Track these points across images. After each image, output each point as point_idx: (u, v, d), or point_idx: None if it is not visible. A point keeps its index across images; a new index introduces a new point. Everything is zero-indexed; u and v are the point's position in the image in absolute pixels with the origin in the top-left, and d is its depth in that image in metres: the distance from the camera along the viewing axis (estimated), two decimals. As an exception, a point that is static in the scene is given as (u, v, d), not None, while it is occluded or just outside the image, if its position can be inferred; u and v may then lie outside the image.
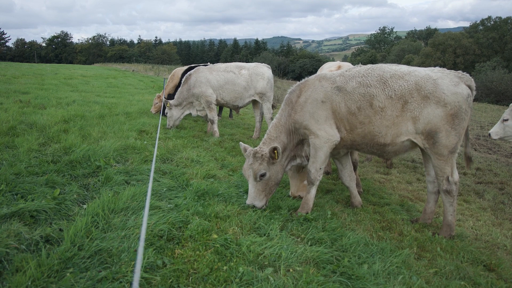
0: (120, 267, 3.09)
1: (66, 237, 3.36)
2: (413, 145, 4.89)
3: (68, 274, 2.90)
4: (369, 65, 5.05)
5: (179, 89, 9.85)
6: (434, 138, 4.62)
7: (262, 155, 4.96)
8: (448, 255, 4.22)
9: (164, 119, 10.19)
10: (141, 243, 1.95)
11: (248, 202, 4.93)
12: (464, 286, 3.56)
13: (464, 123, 4.61)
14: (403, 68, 4.85)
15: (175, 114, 9.85)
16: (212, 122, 9.73)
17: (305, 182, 5.74)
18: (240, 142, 5.32)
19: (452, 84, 4.57)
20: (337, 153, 5.43)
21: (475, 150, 11.85)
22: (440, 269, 3.87)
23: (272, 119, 9.82)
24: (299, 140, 5.33)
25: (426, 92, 4.56)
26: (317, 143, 4.98)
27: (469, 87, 4.67)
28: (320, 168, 5.09)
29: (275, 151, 4.91)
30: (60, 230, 3.62)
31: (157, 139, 4.80)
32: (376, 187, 7.04)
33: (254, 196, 4.93)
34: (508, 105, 8.47)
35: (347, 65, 7.43)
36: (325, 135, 4.93)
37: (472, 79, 4.73)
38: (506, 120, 7.91)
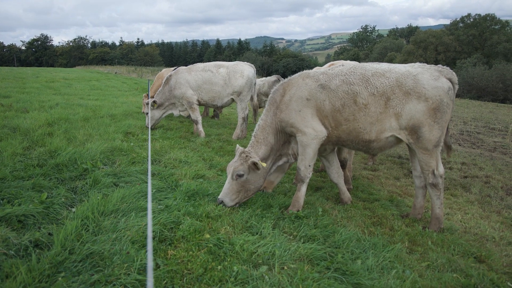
0: (113, 269, 3.04)
1: (56, 241, 3.30)
2: (398, 140, 4.93)
3: (60, 278, 2.84)
4: (352, 63, 5.09)
5: (160, 89, 9.72)
6: (418, 133, 4.67)
7: (246, 156, 4.95)
8: (439, 249, 4.27)
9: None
10: (149, 238, 1.92)
11: (219, 197, 4.87)
12: (456, 278, 3.60)
13: (446, 116, 4.67)
14: (384, 66, 4.90)
15: (156, 114, 9.71)
16: (196, 122, 9.65)
17: (270, 177, 5.73)
18: (237, 145, 5.27)
19: (432, 78, 4.62)
20: (323, 150, 5.45)
21: (459, 145, 12.03)
22: (432, 262, 3.92)
23: (244, 119, 9.77)
24: (285, 139, 5.33)
25: (407, 88, 4.61)
26: (304, 141, 4.98)
27: (450, 80, 4.71)
28: (310, 166, 5.09)
29: (255, 165, 4.91)
30: (50, 234, 3.55)
31: (149, 140, 4.73)
32: (364, 184, 7.09)
33: (226, 193, 4.87)
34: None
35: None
36: (312, 132, 4.93)
37: (454, 73, 4.77)
38: None
